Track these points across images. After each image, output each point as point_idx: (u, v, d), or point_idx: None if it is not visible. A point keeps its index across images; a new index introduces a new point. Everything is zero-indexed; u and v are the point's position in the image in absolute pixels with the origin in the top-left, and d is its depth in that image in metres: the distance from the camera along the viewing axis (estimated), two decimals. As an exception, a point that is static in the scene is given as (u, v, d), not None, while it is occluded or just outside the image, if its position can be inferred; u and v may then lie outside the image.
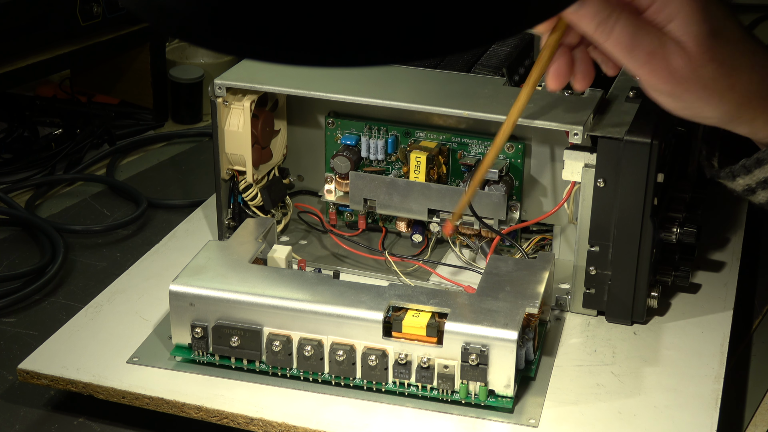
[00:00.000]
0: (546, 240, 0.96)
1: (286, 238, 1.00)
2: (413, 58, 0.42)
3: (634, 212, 0.84)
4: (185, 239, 1.01)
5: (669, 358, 0.84)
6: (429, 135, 0.94)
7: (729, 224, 1.05)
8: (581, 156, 0.85)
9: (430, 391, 0.78)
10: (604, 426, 0.77)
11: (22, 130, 1.29)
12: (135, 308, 0.90)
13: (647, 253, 0.85)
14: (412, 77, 0.93)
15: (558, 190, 0.92)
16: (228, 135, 0.93)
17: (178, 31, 0.44)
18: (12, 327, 0.94)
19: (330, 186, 0.97)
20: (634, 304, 0.87)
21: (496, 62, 0.98)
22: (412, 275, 0.95)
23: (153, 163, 1.28)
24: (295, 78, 0.91)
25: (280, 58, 0.42)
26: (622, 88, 0.91)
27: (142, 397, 0.79)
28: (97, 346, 0.85)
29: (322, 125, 0.97)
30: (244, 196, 0.96)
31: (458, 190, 0.91)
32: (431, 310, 0.78)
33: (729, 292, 0.93)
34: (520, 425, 0.77)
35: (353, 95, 0.89)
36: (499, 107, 0.87)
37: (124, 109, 1.39)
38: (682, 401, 0.79)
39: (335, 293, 0.80)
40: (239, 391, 0.80)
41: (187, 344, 0.82)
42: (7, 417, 0.83)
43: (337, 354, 0.78)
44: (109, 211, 1.16)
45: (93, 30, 1.28)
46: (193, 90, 1.38)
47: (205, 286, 0.81)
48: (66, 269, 1.03)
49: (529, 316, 0.79)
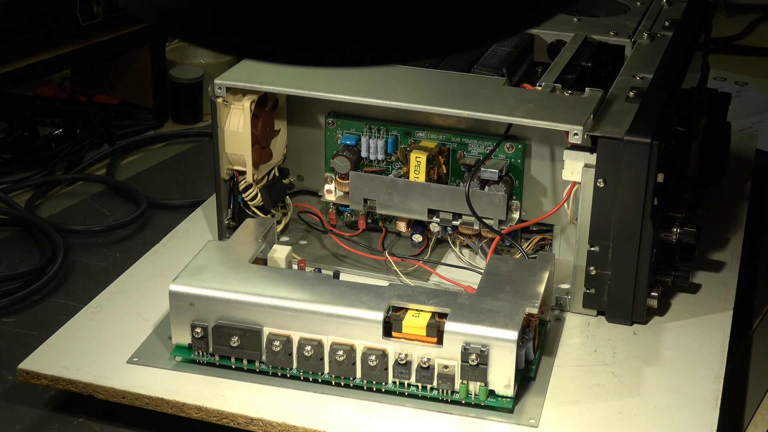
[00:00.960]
0: (546, 240, 0.96)
1: (286, 238, 1.00)
2: (413, 58, 0.42)
3: (634, 212, 0.84)
4: (185, 239, 1.02)
5: (669, 358, 0.84)
6: (429, 135, 0.94)
7: (729, 224, 1.05)
8: (581, 156, 0.85)
9: (430, 391, 0.78)
10: (604, 426, 0.77)
11: (22, 130, 1.29)
12: (135, 308, 0.90)
13: (647, 253, 0.85)
14: (412, 77, 0.93)
15: (558, 190, 0.92)
16: (228, 135, 0.93)
17: (178, 31, 0.44)
18: (12, 327, 0.94)
19: (330, 186, 0.97)
20: (634, 304, 0.87)
21: (496, 62, 0.98)
22: (412, 275, 0.95)
23: (153, 163, 1.28)
24: (295, 78, 0.91)
25: (280, 58, 0.42)
26: (622, 88, 0.91)
27: (142, 397, 0.79)
28: (97, 346, 0.85)
29: (322, 125, 0.97)
30: (244, 196, 0.96)
31: (458, 190, 0.91)
32: (431, 310, 0.78)
33: (729, 292, 0.93)
34: (520, 425, 0.77)
35: (353, 95, 0.89)
36: (499, 107, 0.87)
37: (124, 109, 1.39)
38: (682, 401, 0.79)
39: (335, 293, 0.80)
40: (239, 391, 0.80)
41: (187, 344, 0.82)
42: (7, 417, 0.83)
43: (337, 354, 0.78)
44: (109, 211, 1.16)
45: (93, 30, 1.28)
46: (193, 90, 1.38)
47: (205, 286, 0.81)
48: (66, 269, 1.03)
49: (529, 316, 0.79)
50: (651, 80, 0.93)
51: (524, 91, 0.90)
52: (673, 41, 1.02)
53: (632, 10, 1.11)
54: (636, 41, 1.02)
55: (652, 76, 0.93)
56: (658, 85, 0.92)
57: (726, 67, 1.60)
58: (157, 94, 1.38)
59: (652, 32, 1.04)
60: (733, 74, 1.59)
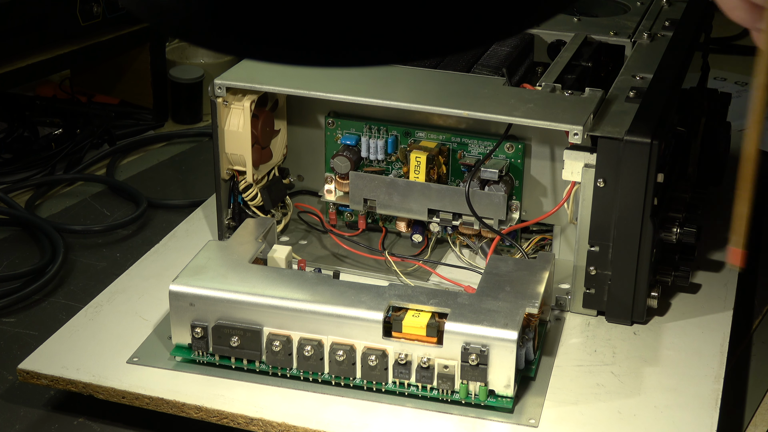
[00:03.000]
0: (546, 240, 0.96)
1: (286, 238, 1.00)
2: (413, 58, 0.42)
3: (634, 212, 0.84)
4: (185, 239, 1.01)
5: (669, 358, 0.84)
6: (429, 135, 0.94)
7: (729, 224, 1.05)
8: (581, 156, 0.85)
9: (430, 391, 0.78)
10: (604, 426, 0.77)
11: (22, 130, 1.29)
12: (135, 308, 0.90)
13: (647, 253, 0.85)
14: (412, 77, 0.93)
15: (558, 190, 0.92)
16: (228, 135, 0.93)
17: (178, 31, 0.44)
18: (12, 327, 0.94)
19: (330, 186, 0.97)
20: (634, 304, 0.87)
21: (496, 62, 0.98)
22: (412, 275, 0.95)
23: (153, 163, 1.28)
24: (295, 78, 0.91)
25: (280, 58, 0.42)
26: (622, 88, 0.91)
27: (142, 397, 0.79)
28: (97, 346, 0.85)
29: (322, 125, 0.97)
30: (244, 196, 0.96)
31: (458, 190, 0.91)
32: (431, 310, 0.78)
33: (729, 292, 0.93)
34: (520, 425, 0.77)
35: (353, 95, 0.89)
36: (499, 107, 0.87)
37: (124, 109, 1.39)
38: (682, 401, 0.79)
39: (335, 293, 0.80)
40: (239, 391, 0.80)
41: (187, 344, 0.82)
42: (7, 417, 0.83)
43: (337, 354, 0.78)
44: (109, 211, 1.16)
45: (93, 30, 1.28)
46: (193, 90, 1.38)
47: (205, 286, 0.81)
48: (66, 269, 1.03)
49: (529, 316, 0.79)
50: (651, 80, 0.93)
51: (524, 91, 0.90)
52: (673, 41, 1.02)
53: (632, 10, 1.11)
54: (636, 41, 1.02)
55: (652, 76, 0.93)
56: (658, 85, 0.92)
57: (726, 67, 1.60)
58: (157, 94, 1.38)
59: (652, 32, 1.04)
60: (733, 74, 1.59)
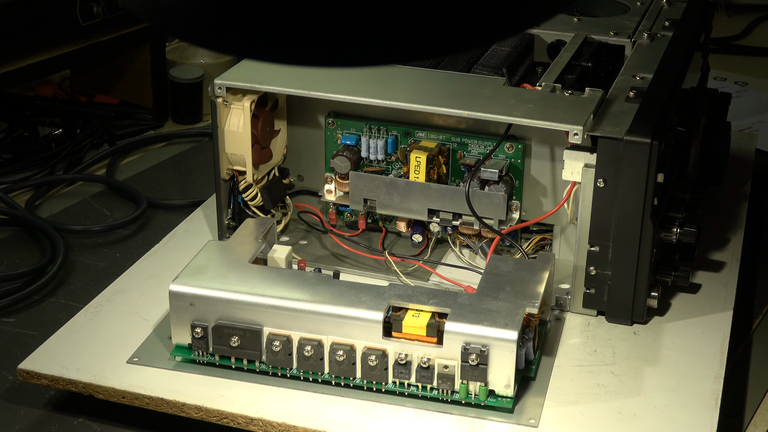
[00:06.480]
0: (546, 240, 0.96)
1: (286, 238, 1.00)
2: (413, 58, 0.42)
3: (634, 212, 0.84)
4: (185, 239, 1.02)
5: (669, 358, 0.84)
6: (429, 135, 0.94)
7: (729, 224, 1.05)
8: (581, 156, 0.85)
9: (430, 391, 0.78)
10: (604, 426, 0.77)
11: (22, 130, 1.29)
12: (135, 308, 0.90)
13: (647, 253, 0.85)
14: (412, 77, 0.93)
15: (558, 190, 0.92)
16: (228, 135, 0.93)
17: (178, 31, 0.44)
18: (12, 327, 0.94)
19: (330, 186, 0.97)
20: (634, 304, 0.87)
21: (496, 62, 0.98)
22: (412, 275, 0.95)
23: (153, 163, 1.28)
24: (295, 78, 0.91)
25: (280, 58, 0.42)
26: (622, 88, 0.91)
27: (142, 397, 0.79)
28: (97, 346, 0.85)
29: (322, 125, 0.97)
30: (244, 196, 0.96)
31: (458, 190, 0.91)
32: (431, 310, 0.78)
33: (729, 292, 0.93)
34: (520, 425, 0.77)
35: (353, 95, 0.89)
36: (499, 107, 0.87)
37: (124, 109, 1.39)
38: (682, 401, 0.79)
39: (335, 293, 0.80)
40: (239, 391, 0.80)
41: (187, 344, 0.82)
42: (7, 417, 0.83)
43: (337, 354, 0.78)
44: (109, 211, 1.16)
45: (93, 30, 1.28)
46: (193, 90, 1.38)
47: (205, 286, 0.81)
48: (66, 269, 1.03)
49: (529, 316, 0.79)
50: (651, 80, 0.93)
51: (524, 91, 0.90)
52: (673, 41, 1.02)
53: (632, 10, 1.11)
54: (636, 41, 1.02)
55: (652, 76, 0.93)
56: (658, 85, 0.92)
57: (726, 67, 1.60)
58: (157, 94, 1.38)
59: (652, 32, 1.04)
60: (733, 74, 1.59)
